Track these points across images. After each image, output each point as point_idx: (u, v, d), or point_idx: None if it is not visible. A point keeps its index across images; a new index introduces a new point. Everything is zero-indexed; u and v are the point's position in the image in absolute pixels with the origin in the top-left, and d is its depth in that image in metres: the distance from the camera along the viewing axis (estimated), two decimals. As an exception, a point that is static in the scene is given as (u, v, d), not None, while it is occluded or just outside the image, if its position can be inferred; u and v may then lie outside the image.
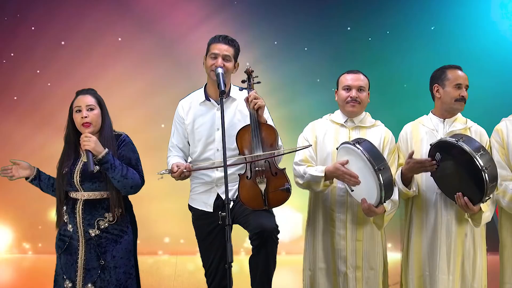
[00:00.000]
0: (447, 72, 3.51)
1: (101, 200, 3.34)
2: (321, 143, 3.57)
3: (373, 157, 3.16)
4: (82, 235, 3.30)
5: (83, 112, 3.32)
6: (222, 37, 3.49)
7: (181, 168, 3.36)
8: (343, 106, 3.57)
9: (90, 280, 3.28)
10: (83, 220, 3.30)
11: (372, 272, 3.49)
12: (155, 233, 6.70)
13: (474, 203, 3.22)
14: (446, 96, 3.49)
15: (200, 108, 3.59)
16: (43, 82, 6.82)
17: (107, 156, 3.25)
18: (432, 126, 3.54)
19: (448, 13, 6.76)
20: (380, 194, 3.17)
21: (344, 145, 3.33)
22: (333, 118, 3.64)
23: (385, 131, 3.60)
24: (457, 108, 3.50)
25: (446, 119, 3.54)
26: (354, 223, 3.48)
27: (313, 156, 3.55)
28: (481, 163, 3.09)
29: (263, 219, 3.26)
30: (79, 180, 3.31)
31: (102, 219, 3.32)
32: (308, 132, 3.63)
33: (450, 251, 3.40)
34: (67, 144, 3.42)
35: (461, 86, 3.47)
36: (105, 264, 3.28)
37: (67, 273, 3.31)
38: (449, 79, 3.48)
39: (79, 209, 3.31)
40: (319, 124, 3.65)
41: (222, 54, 3.45)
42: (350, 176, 3.27)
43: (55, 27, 6.79)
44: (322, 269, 3.53)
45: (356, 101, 3.52)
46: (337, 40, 6.81)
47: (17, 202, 6.68)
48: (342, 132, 3.57)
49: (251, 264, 3.34)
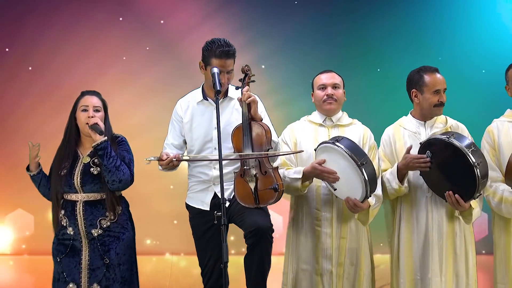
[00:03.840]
0: (424, 77, 3.47)
1: (100, 200, 3.36)
2: (301, 145, 3.58)
3: (355, 153, 3.19)
4: (84, 236, 3.33)
5: (89, 112, 3.36)
6: (224, 52, 3.38)
7: (170, 157, 3.37)
8: (320, 105, 3.60)
9: (95, 280, 3.31)
10: (84, 221, 3.32)
11: (353, 267, 3.50)
12: (152, 233, 6.71)
13: (466, 200, 3.23)
14: (425, 102, 3.48)
15: (198, 108, 3.61)
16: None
17: (105, 143, 3.30)
18: (414, 129, 3.54)
19: (453, 11, 6.77)
20: (366, 189, 3.20)
21: (322, 144, 3.34)
22: (311, 119, 3.66)
23: (363, 128, 3.63)
24: (436, 113, 3.51)
25: (427, 121, 3.54)
26: (339, 221, 3.50)
27: (292, 159, 3.57)
28: (473, 159, 3.10)
29: (258, 217, 3.27)
30: (80, 182, 3.33)
31: (104, 218, 3.35)
32: (287, 135, 3.64)
33: (442, 253, 3.41)
34: (67, 144, 3.43)
35: (439, 91, 3.46)
36: (109, 262, 3.32)
37: (70, 275, 3.32)
38: (427, 85, 3.46)
39: (79, 210, 3.33)
40: (297, 126, 3.67)
41: (226, 70, 3.43)
42: (329, 173, 3.29)
43: (55, 27, 6.82)
44: (305, 271, 3.53)
45: (333, 98, 3.54)
46: (337, 40, 6.80)
47: (17, 202, 6.70)
48: (321, 132, 3.59)
49: (246, 263, 3.34)
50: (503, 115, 3.57)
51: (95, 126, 3.32)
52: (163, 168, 3.45)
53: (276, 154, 3.45)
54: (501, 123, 3.52)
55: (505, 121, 3.52)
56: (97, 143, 3.29)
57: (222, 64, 3.39)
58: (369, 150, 3.54)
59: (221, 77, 3.38)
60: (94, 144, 3.30)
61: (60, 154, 3.44)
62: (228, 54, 3.40)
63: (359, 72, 6.52)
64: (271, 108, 3.67)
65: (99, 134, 3.30)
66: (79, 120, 3.39)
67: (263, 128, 3.39)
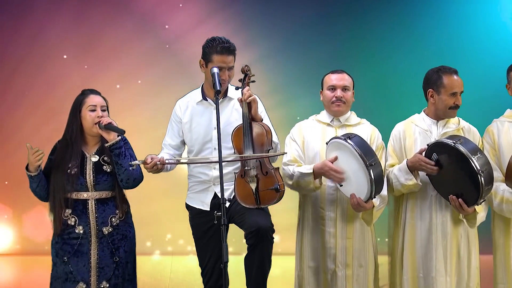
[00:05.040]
0: (443, 78, 3.46)
1: (110, 198, 3.40)
2: (309, 143, 3.60)
3: (364, 152, 3.20)
4: (95, 234, 3.34)
5: (98, 112, 3.36)
6: (225, 48, 3.41)
7: (154, 160, 3.36)
8: (328, 106, 3.60)
9: (104, 278, 3.32)
10: (97, 219, 3.34)
11: (362, 269, 3.51)
12: (152, 233, 6.71)
13: (469, 205, 3.23)
14: (441, 103, 3.47)
15: (197, 108, 3.60)
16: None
17: (120, 142, 3.33)
18: (426, 127, 3.54)
19: (453, 10, 6.76)
20: (371, 189, 3.20)
21: (334, 139, 3.36)
22: (319, 118, 3.67)
23: (371, 128, 3.64)
24: (450, 115, 3.51)
25: (440, 121, 3.53)
26: (344, 221, 3.50)
27: (302, 156, 3.59)
28: (478, 166, 3.10)
29: (258, 218, 3.26)
30: (93, 180, 3.35)
31: (114, 216, 3.39)
32: (295, 133, 3.66)
33: (447, 252, 3.41)
34: (74, 143, 3.38)
35: (456, 94, 3.45)
36: (119, 260, 3.35)
37: (79, 275, 3.31)
38: (445, 87, 3.44)
39: (92, 208, 3.35)
40: (305, 125, 3.69)
41: (227, 66, 3.44)
42: (336, 172, 3.31)
43: (53, 29, 6.81)
44: (311, 268, 3.56)
45: (341, 100, 3.55)
46: (337, 40, 6.80)
47: (17, 202, 6.71)
48: (329, 132, 3.60)
49: (246, 263, 3.34)
50: (503, 115, 3.58)
51: (110, 125, 3.32)
52: (149, 171, 3.44)
53: (259, 156, 3.36)
54: (501, 123, 3.52)
55: (505, 121, 3.52)
56: (112, 142, 3.31)
57: (224, 60, 3.40)
58: (376, 150, 3.53)
59: (222, 74, 3.40)
60: (110, 143, 3.31)
61: (63, 153, 3.39)
62: (229, 50, 3.41)
63: (359, 71, 6.50)
64: (271, 108, 3.67)
65: (118, 133, 3.31)
66: (85, 119, 3.37)
67: (263, 129, 3.39)
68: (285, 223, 3.53)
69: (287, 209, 3.85)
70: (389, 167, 3.54)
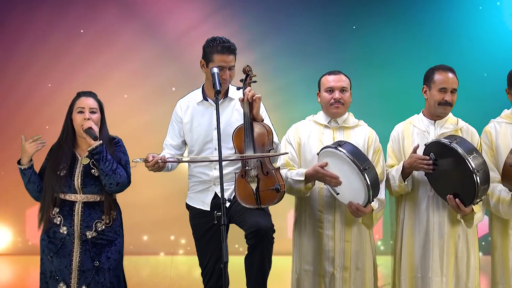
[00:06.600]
0: (435, 73, 3.49)
1: (99, 202, 3.38)
2: (306, 145, 3.58)
3: (357, 158, 3.19)
4: (78, 237, 3.33)
5: (85, 114, 3.35)
6: (226, 47, 3.42)
7: (156, 158, 3.37)
8: (326, 108, 3.57)
9: (84, 282, 3.30)
10: (81, 222, 3.33)
11: (359, 272, 3.50)
12: (151, 233, 6.71)
13: (466, 204, 3.24)
14: (431, 99, 3.50)
15: (198, 108, 3.61)
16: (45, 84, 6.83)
17: (101, 147, 3.30)
18: (423, 128, 3.54)
19: (453, 12, 6.77)
20: (368, 193, 3.20)
21: (325, 149, 3.34)
22: (316, 119, 3.64)
23: (369, 130, 3.62)
24: (440, 112, 3.50)
25: (437, 121, 3.54)
26: (342, 224, 3.49)
27: (295, 159, 3.57)
28: (473, 166, 3.12)
29: (258, 218, 3.27)
30: (80, 183, 3.35)
31: (100, 221, 3.36)
32: (291, 135, 3.63)
33: (443, 253, 3.42)
34: (65, 145, 3.41)
35: (446, 90, 3.45)
36: (99, 265, 3.32)
37: (61, 275, 3.32)
38: (435, 82, 3.47)
39: (78, 211, 3.34)
40: (302, 126, 3.65)
41: (228, 66, 3.44)
42: (331, 177, 3.30)
43: (58, 32, 6.83)
44: (308, 271, 3.54)
45: (340, 102, 3.52)
46: (339, 41, 6.81)
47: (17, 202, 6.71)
48: (326, 133, 3.58)
49: (246, 263, 3.34)
50: (500, 116, 3.58)
51: (89, 130, 3.31)
52: (150, 170, 3.45)
53: (260, 156, 3.38)
54: (499, 124, 3.52)
55: (503, 122, 3.52)
56: (92, 148, 3.30)
57: (224, 59, 3.40)
58: (373, 153, 3.53)
59: (223, 74, 3.40)
60: (90, 148, 3.31)
61: (56, 154, 3.42)
62: (230, 50, 3.42)
63: (361, 73, 6.52)
64: (272, 109, 3.66)
65: (93, 140, 3.30)
66: (75, 121, 3.38)
67: (265, 129, 3.39)
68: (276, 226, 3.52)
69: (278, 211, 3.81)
70: (389, 168, 3.55)
